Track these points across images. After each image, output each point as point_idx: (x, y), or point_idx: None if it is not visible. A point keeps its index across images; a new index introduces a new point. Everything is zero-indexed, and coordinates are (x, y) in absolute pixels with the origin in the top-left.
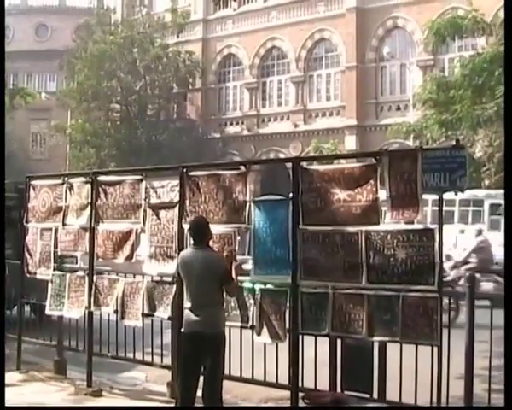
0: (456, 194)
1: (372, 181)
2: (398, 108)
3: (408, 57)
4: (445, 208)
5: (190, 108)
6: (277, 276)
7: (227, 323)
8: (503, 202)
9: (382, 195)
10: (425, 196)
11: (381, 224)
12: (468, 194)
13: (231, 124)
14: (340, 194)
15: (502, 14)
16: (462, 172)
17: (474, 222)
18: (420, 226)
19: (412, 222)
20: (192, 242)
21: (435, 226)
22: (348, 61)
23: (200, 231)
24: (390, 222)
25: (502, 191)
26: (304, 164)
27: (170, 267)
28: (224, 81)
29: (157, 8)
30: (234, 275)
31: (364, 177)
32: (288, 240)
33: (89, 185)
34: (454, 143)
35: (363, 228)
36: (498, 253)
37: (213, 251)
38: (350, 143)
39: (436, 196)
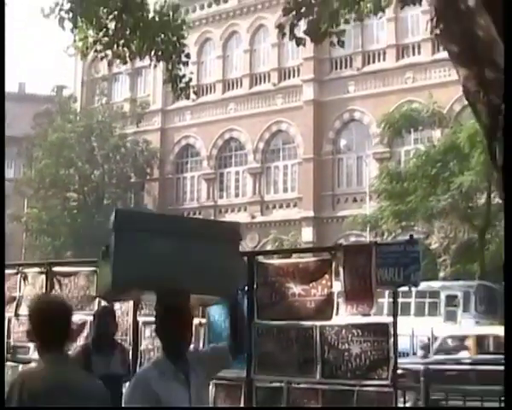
0: (410, 289)
1: (327, 275)
2: (355, 200)
3: (364, 149)
4: (401, 300)
5: (148, 198)
6: (232, 370)
7: None
8: (459, 293)
9: (338, 287)
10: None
11: (336, 316)
12: (424, 285)
13: (188, 214)
14: (294, 288)
15: (457, 107)
16: (416, 267)
17: (430, 314)
18: (374, 321)
19: (369, 314)
20: None
21: (390, 321)
22: (305, 152)
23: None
24: (345, 315)
25: (458, 282)
26: (259, 258)
27: None
28: (181, 171)
29: (116, 98)
30: None
31: (319, 271)
32: None
33: (43, 276)
34: (408, 237)
35: (318, 323)
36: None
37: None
38: (307, 235)
39: None
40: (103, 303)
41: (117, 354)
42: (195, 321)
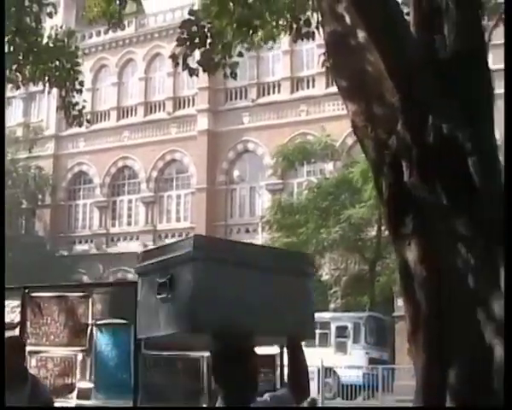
0: None
1: None
2: (248, 231)
3: (258, 181)
4: None
5: (39, 225)
6: (119, 401)
7: None
8: (349, 324)
9: None
10: None
11: None
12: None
13: (80, 242)
14: None
15: (349, 141)
16: None
17: (321, 344)
18: (261, 352)
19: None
20: None
21: (276, 352)
22: (199, 182)
23: None
24: None
25: (348, 314)
26: None
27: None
28: (74, 199)
29: (9, 122)
30: None
31: None
32: (130, 365)
33: None
34: None
35: (206, 353)
36: (344, 374)
37: None
38: None
39: None
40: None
41: (25, 389)
42: (81, 350)
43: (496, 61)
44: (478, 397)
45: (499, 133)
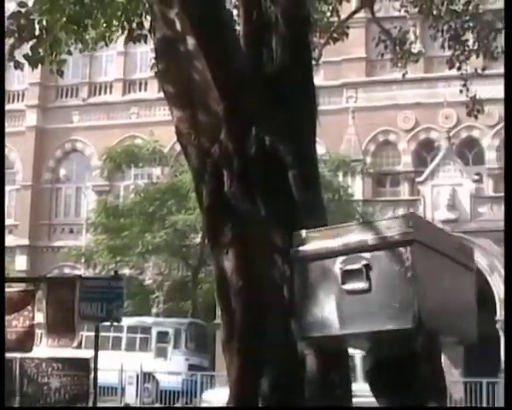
0: (111, 324)
1: (29, 307)
2: (72, 231)
3: (84, 181)
4: (112, 334)
5: None
6: None
7: None
8: (170, 330)
9: (41, 319)
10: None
11: (38, 349)
12: (136, 321)
13: None
14: None
15: (178, 147)
16: (119, 303)
17: (141, 349)
18: (75, 355)
19: (79, 348)
20: None
21: (90, 356)
22: (24, 179)
23: None
24: (47, 348)
25: (169, 320)
26: None
27: None
28: None
29: None
30: None
31: (22, 302)
32: None
33: None
34: (113, 273)
35: (18, 355)
36: (164, 380)
37: None
38: (21, 264)
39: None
40: None
41: None
42: None
43: (327, 77)
44: (290, 406)
45: (325, 148)
